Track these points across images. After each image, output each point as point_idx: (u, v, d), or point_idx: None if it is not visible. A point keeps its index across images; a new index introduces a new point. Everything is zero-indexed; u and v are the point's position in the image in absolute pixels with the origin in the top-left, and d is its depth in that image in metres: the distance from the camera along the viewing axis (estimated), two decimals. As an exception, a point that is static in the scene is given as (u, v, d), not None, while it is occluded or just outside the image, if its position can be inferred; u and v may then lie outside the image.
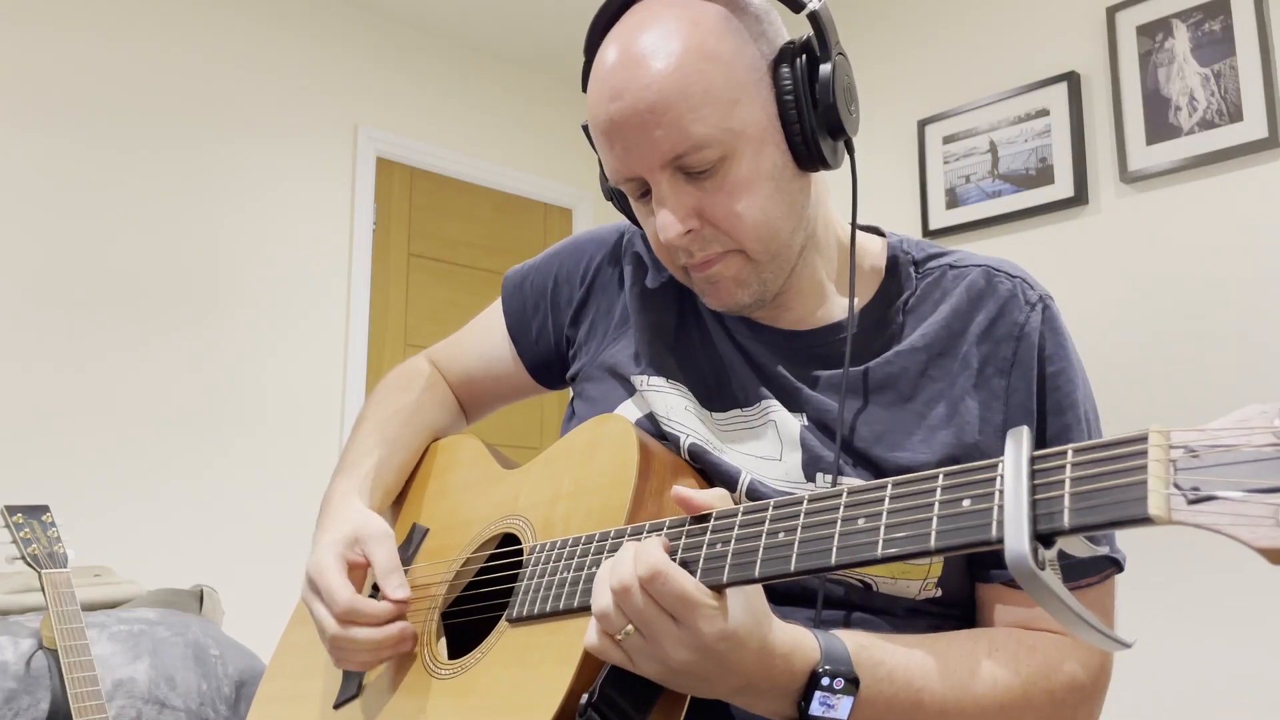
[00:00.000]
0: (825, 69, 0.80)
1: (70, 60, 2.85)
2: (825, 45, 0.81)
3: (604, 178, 0.90)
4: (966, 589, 0.85)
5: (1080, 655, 0.79)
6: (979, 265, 0.88)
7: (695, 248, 0.82)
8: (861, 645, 0.71)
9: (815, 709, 0.67)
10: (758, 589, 0.67)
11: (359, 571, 0.90)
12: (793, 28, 0.85)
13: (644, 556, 0.64)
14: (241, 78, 3.18)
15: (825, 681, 0.67)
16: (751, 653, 0.65)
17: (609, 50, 0.81)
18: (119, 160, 2.91)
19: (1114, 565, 0.82)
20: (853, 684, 0.68)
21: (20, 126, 2.75)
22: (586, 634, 0.68)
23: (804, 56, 0.81)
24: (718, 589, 0.64)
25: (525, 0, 3.49)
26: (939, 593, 0.82)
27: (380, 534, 0.90)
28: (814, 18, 0.81)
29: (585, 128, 0.89)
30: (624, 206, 0.93)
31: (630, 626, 0.64)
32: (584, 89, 0.87)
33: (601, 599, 0.66)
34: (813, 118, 0.80)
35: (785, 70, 0.81)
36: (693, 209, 0.80)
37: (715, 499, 0.69)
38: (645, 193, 0.83)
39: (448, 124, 3.68)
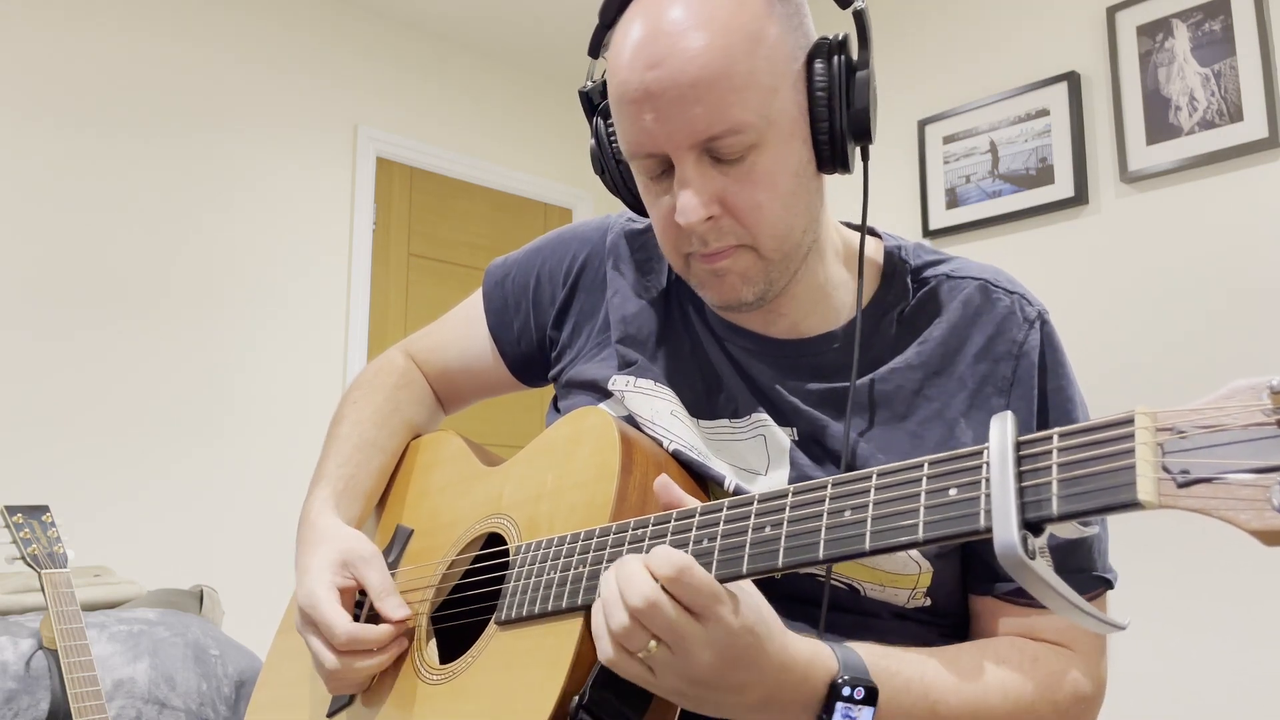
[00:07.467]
0: (862, 71, 0.78)
1: (70, 58, 2.84)
2: (866, 46, 0.78)
3: (597, 153, 0.86)
4: (958, 599, 0.84)
5: (1082, 666, 0.79)
6: (976, 278, 0.86)
7: (711, 237, 0.78)
8: (877, 655, 0.70)
9: None
10: (764, 600, 0.66)
11: (349, 594, 0.89)
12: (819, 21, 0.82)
13: (664, 556, 0.62)
14: (241, 77, 3.18)
15: (846, 692, 0.66)
16: (772, 659, 0.64)
17: (645, 14, 0.76)
18: (118, 159, 2.91)
19: (1105, 584, 0.82)
20: (872, 694, 0.67)
21: (19, 125, 2.74)
22: (600, 648, 0.65)
23: (841, 55, 0.78)
24: None
25: (525, 1, 3.49)
26: (928, 602, 0.81)
27: (369, 555, 0.89)
28: (860, 16, 0.79)
29: (585, 94, 0.84)
30: (619, 183, 0.88)
31: (654, 643, 0.62)
32: (592, 53, 0.82)
33: (617, 618, 0.63)
34: (844, 119, 0.77)
35: (821, 66, 0.77)
36: (716, 195, 0.76)
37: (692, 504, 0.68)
38: (661, 172, 0.78)
39: (448, 124, 3.68)
